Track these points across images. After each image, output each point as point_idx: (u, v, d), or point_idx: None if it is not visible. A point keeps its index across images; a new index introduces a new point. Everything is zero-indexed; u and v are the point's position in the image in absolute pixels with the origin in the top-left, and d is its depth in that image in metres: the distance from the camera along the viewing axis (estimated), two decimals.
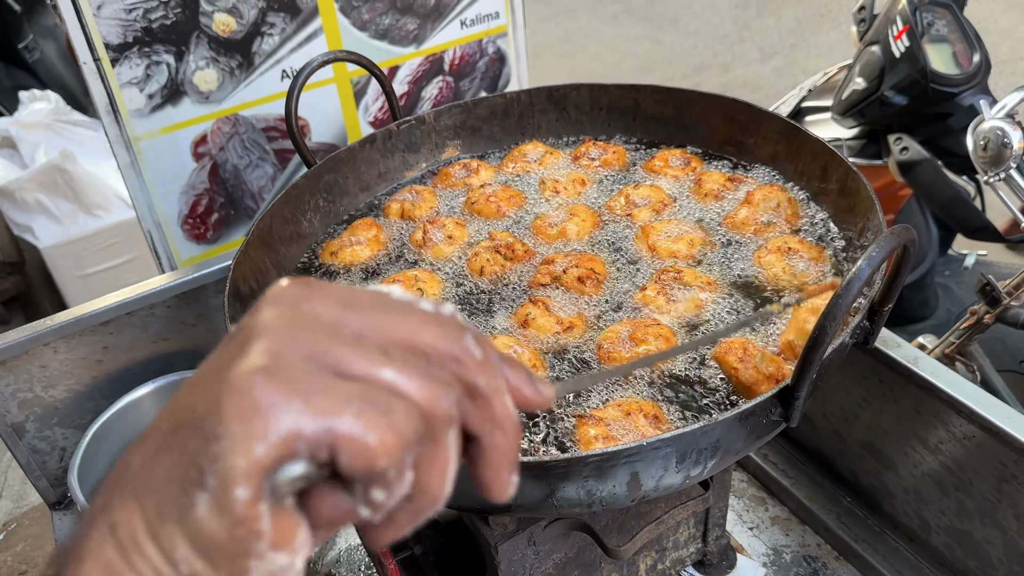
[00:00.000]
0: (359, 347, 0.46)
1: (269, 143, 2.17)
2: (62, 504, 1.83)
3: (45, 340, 1.63)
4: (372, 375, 0.45)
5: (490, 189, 1.62)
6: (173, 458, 0.44)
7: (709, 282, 1.32)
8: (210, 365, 0.47)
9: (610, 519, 1.29)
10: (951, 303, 3.37)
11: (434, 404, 0.47)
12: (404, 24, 2.23)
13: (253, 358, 0.44)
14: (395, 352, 0.47)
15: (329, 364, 0.45)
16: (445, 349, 0.49)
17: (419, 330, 0.48)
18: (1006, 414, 1.26)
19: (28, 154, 4.05)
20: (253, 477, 0.42)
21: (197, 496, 0.43)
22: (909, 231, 0.91)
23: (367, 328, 0.47)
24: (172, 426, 0.46)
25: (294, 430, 0.42)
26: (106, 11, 1.81)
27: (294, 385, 0.43)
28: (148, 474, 0.45)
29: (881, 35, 2.79)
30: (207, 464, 0.42)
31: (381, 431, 0.44)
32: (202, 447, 0.43)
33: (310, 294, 0.48)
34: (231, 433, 0.42)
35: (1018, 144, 2.01)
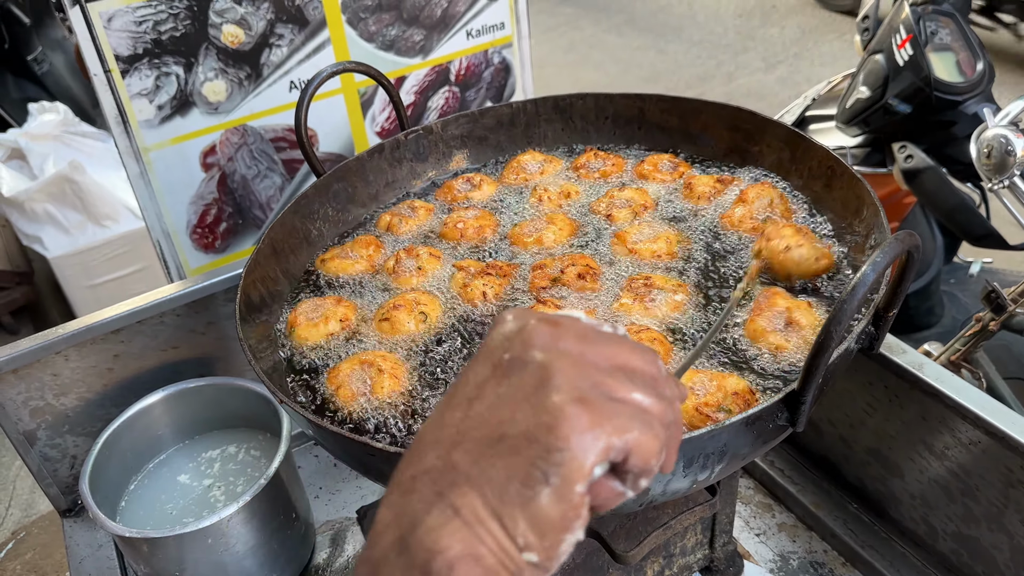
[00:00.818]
0: (612, 376, 0.64)
1: (277, 153, 2.19)
2: (73, 511, 1.84)
3: (57, 348, 1.65)
4: (630, 398, 0.64)
5: (469, 214, 1.61)
6: (510, 461, 0.60)
7: (679, 285, 1.35)
8: (505, 391, 0.63)
9: (617, 524, 1.29)
10: (957, 310, 3.38)
11: (664, 415, 0.66)
12: (411, 35, 2.25)
13: (566, 391, 0.61)
14: (630, 376, 0.65)
15: (605, 392, 0.63)
16: (649, 371, 0.67)
17: (631, 357, 0.67)
18: (1011, 419, 1.27)
19: (37, 165, 4.08)
20: (587, 476, 0.60)
21: (540, 489, 0.59)
22: (913, 237, 0.92)
23: (603, 359, 0.65)
24: (495, 437, 0.61)
25: (609, 444, 0.60)
26: (116, 23, 1.84)
27: (599, 411, 0.61)
28: (483, 472, 0.60)
29: (885, 44, 2.80)
30: (551, 468, 0.59)
31: (652, 440, 0.63)
32: (544, 455, 0.59)
33: (559, 333, 0.65)
34: (571, 446, 0.59)
35: (1021, 152, 2.02)
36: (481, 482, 0.60)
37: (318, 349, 1.36)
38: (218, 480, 1.68)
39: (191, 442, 1.78)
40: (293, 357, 1.36)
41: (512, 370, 0.64)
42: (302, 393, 1.29)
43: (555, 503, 0.59)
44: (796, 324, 1.21)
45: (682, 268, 1.42)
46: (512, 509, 0.59)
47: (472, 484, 0.60)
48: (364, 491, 1.89)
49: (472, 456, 0.61)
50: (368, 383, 1.22)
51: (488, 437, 0.61)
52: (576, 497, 0.59)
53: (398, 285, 1.47)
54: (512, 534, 0.59)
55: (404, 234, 1.62)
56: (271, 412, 1.67)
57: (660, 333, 1.26)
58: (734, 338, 1.25)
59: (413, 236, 1.62)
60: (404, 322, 1.34)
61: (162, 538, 1.44)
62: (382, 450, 0.99)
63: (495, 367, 0.65)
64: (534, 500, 0.59)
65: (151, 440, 1.73)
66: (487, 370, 0.66)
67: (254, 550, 1.55)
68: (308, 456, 2.00)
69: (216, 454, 1.74)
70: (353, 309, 1.42)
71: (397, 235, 1.61)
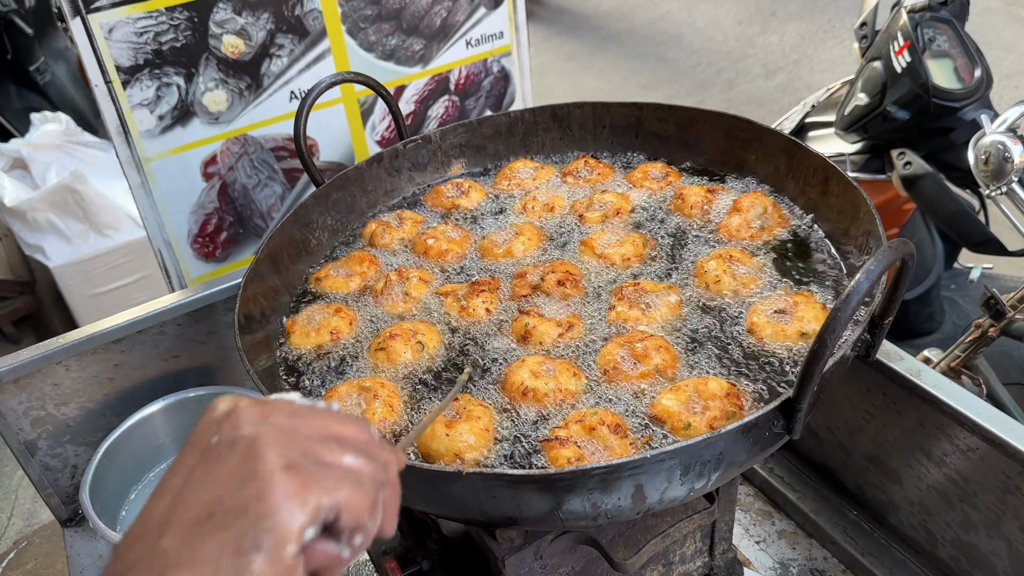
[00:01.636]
0: (322, 443, 0.68)
1: (278, 163, 2.20)
2: (74, 521, 1.84)
3: (57, 358, 1.66)
4: (340, 462, 0.68)
5: (443, 232, 1.60)
6: (221, 537, 0.61)
7: (668, 287, 1.37)
8: (214, 471, 0.64)
9: (616, 532, 1.30)
10: (957, 317, 3.37)
11: (375, 474, 0.70)
12: (410, 45, 2.26)
13: (273, 460, 0.64)
14: (340, 443, 0.70)
15: (315, 458, 0.67)
16: (360, 437, 0.72)
17: (343, 426, 0.72)
18: (1009, 426, 1.27)
19: (39, 175, 4.09)
20: (298, 538, 0.62)
21: (253, 557, 0.60)
22: (907, 245, 0.92)
23: (313, 430, 0.69)
24: (203, 516, 0.62)
25: (318, 505, 0.63)
26: (117, 34, 1.85)
27: (307, 475, 0.64)
28: (194, 552, 0.61)
29: (883, 51, 2.81)
30: (262, 534, 0.60)
31: (362, 496, 0.67)
32: (254, 523, 0.61)
33: (267, 411, 0.68)
34: (280, 510, 0.61)
35: (1019, 158, 2.02)
36: (192, 563, 0.60)
37: (317, 358, 1.37)
38: None
39: None
40: (292, 366, 1.37)
41: (221, 450, 0.65)
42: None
43: (268, 567, 0.60)
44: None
45: (655, 270, 1.46)
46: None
47: (182, 566, 0.60)
48: None
49: (180, 539, 0.62)
50: (361, 408, 1.22)
51: (197, 517, 0.62)
52: (288, 559, 0.61)
53: (384, 309, 1.45)
54: None
55: (387, 245, 1.61)
56: None
57: (664, 340, 1.27)
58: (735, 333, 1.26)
59: (397, 248, 1.61)
60: (400, 352, 1.32)
61: None
62: None
63: (203, 452, 0.66)
64: (247, 568, 0.60)
65: (152, 449, 1.74)
66: (195, 456, 0.66)
67: None
68: None
69: None
70: (353, 318, 1.42)
71: (379, 246, 1.61)
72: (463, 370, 1.29)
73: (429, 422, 1.08)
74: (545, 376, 1.21)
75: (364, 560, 1.76)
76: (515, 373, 1.23)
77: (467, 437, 1.14)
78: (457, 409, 1.19)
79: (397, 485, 0.76)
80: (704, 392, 1.15)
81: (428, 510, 1.39)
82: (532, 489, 0.98)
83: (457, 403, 1.20)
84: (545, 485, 0.97)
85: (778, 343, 1.24)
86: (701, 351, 1.26)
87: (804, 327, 1.23)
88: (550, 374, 1.22)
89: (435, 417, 1.10)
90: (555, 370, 1.23)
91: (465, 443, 1.13)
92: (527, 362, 1.24)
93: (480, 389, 1.26)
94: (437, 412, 1.11)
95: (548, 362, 1.24)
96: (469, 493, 1.02)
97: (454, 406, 1.19)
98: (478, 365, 1.30)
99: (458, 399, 1.21)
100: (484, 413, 1.18)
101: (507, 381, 1.23)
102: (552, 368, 1.23)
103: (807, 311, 1.25)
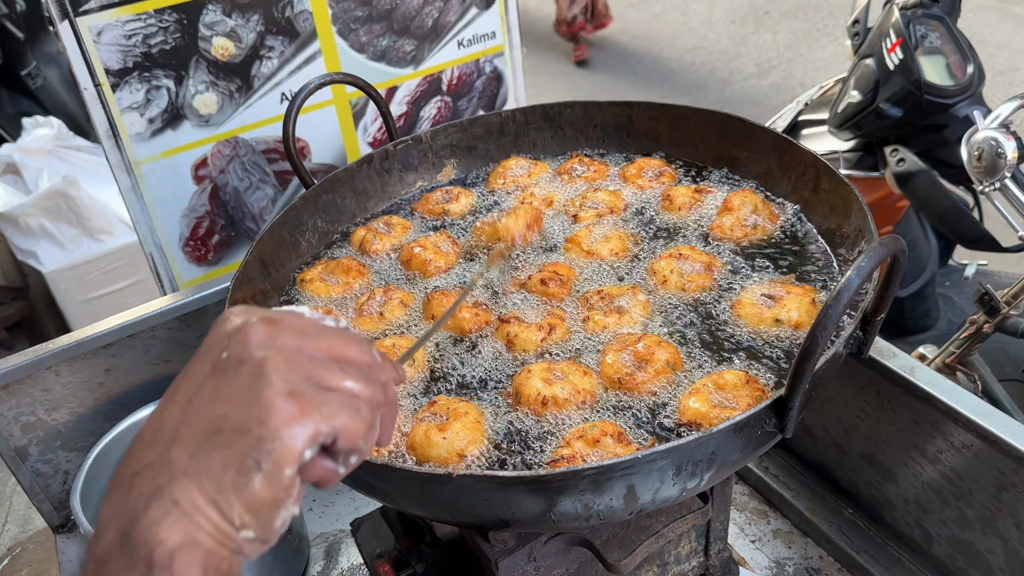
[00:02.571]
0: (326, 367, 0.71)
1: (269, 165, 2.19)
2: (65, 527, 1.83)
3: (47, 364, 1.65)
4: (341, 386, 0.71)
5: (429, 243, 1.57)
6: (226, 453, 0.65)
7: (631, 288, 1.37)
8: (223, 388, 0.68)
9: (610, 533, 1.29)
10: (952, 313, 3.37)
11: (373, 398, 0.74)
12: (402, 45, 2.25)
13: (277, 385, 0.67)
14: (342, 366, 0.73)
15: (317, 383, 0.70)
16: (364, 359, 0.75)
17: (347, 348, 0.74)
18: (1003, 422, 1.27)
19: (31, 180, 4.08)
20: (295, 461, 0.67)
21: (253, 476, 0.65)
22: (898, 241, 0.92)
23: (319, 351, 0.72)
24: (211, 431, 0.66)
25: (316, 431, 0.68)
26: (106, 37, 1.84)
27: (307, 401, 0.68)
28: (200, 465, 0.65)
29: (875, 48, 2.81)
30: (263, 456, 0.65)
31: (358, 423, 0.71)
32: (256, 444, 0.65)
33: (277, 331, 0.71)
34: (281, 436, 0.66)
35: (1012, 154, 2.02)
36: (198, 474, 0.65)
37: None
38: None
39: None
40: None
41: (229, 368, 0.69)
42: None
43: (267, 486, 0.66)
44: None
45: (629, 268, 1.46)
46: (228, 496, 0.65)
47: (189, 476, 0.65)
48: (358, 503, 1.88)
49: (189, 450, 0.66)
50: None
51: (205, 432, 0.67)
52: (286, 480, 0.66)
53: (358, 326, 1.41)
54: (229, 517, 0.66)
55: (377, 252, 1.59)
56: None
57: (658, 336, 1.26)
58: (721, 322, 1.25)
59: (386, 254, 1.60)
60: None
61: None
62: (368, 463, 0.99)
63: (214, 365, 0.70)
64: (247, 486, 0.65)
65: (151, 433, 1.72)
66: (206, 368, 0.70)
67: (246, 563, 1.53)
68: None
69: None
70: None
71: (370, 253, 1.59)
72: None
73: (436, 329, 1.05)
74: (558, 382, 1.19)
75: (359, 564, 1.75)
76: (527, 384, 1.19)
77: (463, 434, 1.13)
78: (442, 413, 1.17)
79: (395, 402, 0.80)
80: (725, 385, 1.15)
81: (420, 513, 1.39)
82: (523, 491, 0.97)
83: (436, 406, 1.19)
84: (536, 486, 0.96)
85: (762, 328, 1.26)
86: (691, 345, 1.26)
87: (782, 315, 1.24)
88: (561, 378, 1.20)
89: (435, 330, 1.05)
90: (564, 373, 1.21)
91: (464, 440, 1.13)
92: (534, 371, 1.21)
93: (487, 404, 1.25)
94: (444, 319, 1.08)
95: (555, 366, 1.22)
96: (460, 495, 1.01)
97: (437, 410, 1.18)
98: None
99: (435, 402, 1.20)
100: (469, 407, 1.18)
101: (520, 394, 1.19)
102: (560, 372, 1.21)
103: (793, 300, 1.26)
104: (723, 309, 1.32)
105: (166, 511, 0.65)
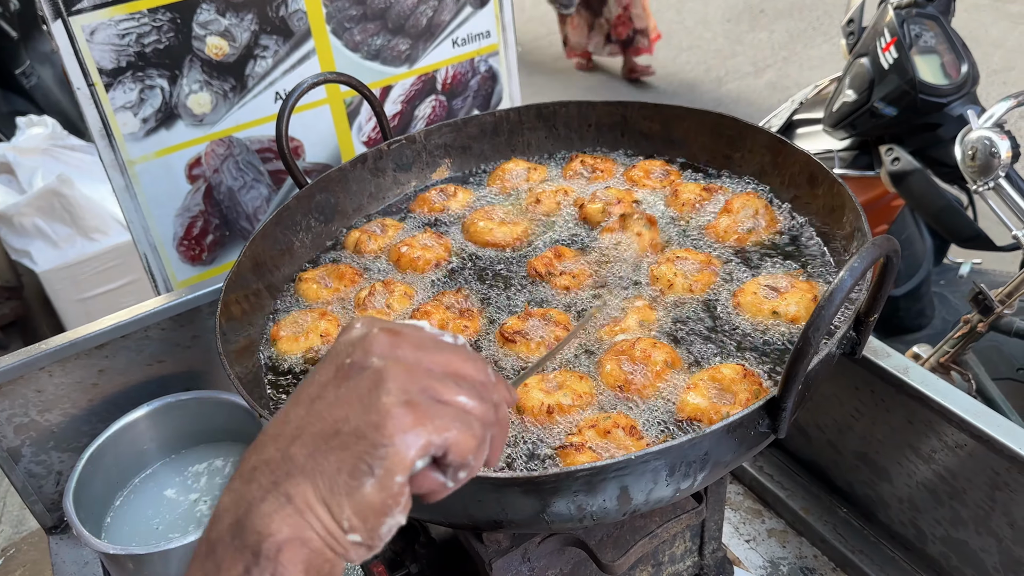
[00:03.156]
0: (442, 381, 0.73)
1: (263, 164, 2.18)
2: (58, 528, 1.83)
3: (40, 364, 1.64)
4: (455, 400, 0.72)
5: (419, 241, 1.57)
6: (342, 455, 0.68)
7: (636, 297, 1.36)
8: (343, 392, 0.71)
9: (604, 534, 1.29)
10: (947, 312, 3.38)
11: (485, 416, 0.75)
12: (396, 44, 2.25)
13: (394, 394, 0.69)
14: (457, 381, 0.74)
15: (432, 395, 0.71)
16: (478, 377, 0.76)
17: (463, 365, 0.76)
18: (996, 422, 1.27)
19: (25, 179, 4.07)
20: (407, 468, 0.68)
21: (365, 480, 0.67)
22: (891, 241, 0.92)
23: (436, 365, 0.74)
24: (330, 433, 0.69)
25: (429, 442, 0.69)
26: (99, 36, 1.83)
27: (422, 412, 0.69)
28: (316, 464, 0.68)
29: (870, 47, 2.81)
30: (376, 461, 0.67)
31: (469, 438, 0.72)
32: (370, 450, 0.67)
33: (398, 342, 0.74)
34: (395, 443, 0.68)
35: (1006, 153, 2.02)
36: (314, 473, 0.68)
37: (301, 363, 1.36)
38: (204, 494, 1.67)
39: (177, 456, 1.77)
40: (276, 370, 1.35)
41: (352, 373, 0.72)
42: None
43: (377, 491, 0.67)
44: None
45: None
46: (340, 498, 0.67)
47: (305, 475, 0.68)
48: None
49: (308, 450, 0.69)
50: None
51: (324, 433, 0.69)
52: (396, 486, 0.68)
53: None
54: (338, 519, 0.67)
55: (372, 253, 1.58)
56: (257, 425, 1.66)
57: (652, 339, 1.26)
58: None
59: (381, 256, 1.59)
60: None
61: (147, 554, 1.43)
62: None
63: (338, 369, 0.73)
64: (359, 490, 0.67)
65: (137, 455, 1.72)
66: (331, 372, 0.73)
67: None
68: None
69: (203, 468, 1.74)
70: (337, 323, 1.41)
71: (365, 254, 1.58)
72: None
73: (546, 360, 1.08)
74: (556, 391, 1.18)
75: (352, 565, 1.75)
76: (528, 397, 1.18)
77: None
78: None
79: (506, 423, 0.81)
80: (722, 380, 1.15)
81: (414, 514, 1.38)
82: (517, 492, 0.97)
83: None
84: (530, 488, 0.96)
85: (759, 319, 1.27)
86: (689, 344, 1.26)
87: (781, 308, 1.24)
88: (558, 388, 1.19)
89: (552, 356, 1.09)
90: (561, 382, 1.20)
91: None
92: (530, 385, 1.20)
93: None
94: (555, 351, 1.11)
95: (548, 378, 1.21)
96: (454, 496, 1.00)
97: None
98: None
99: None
100: None
101: (522, 407, 1.18)
102: (555, 382, 1.20)
103: (795, 295, 1.26)
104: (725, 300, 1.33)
105: (280, 505, 0.67)
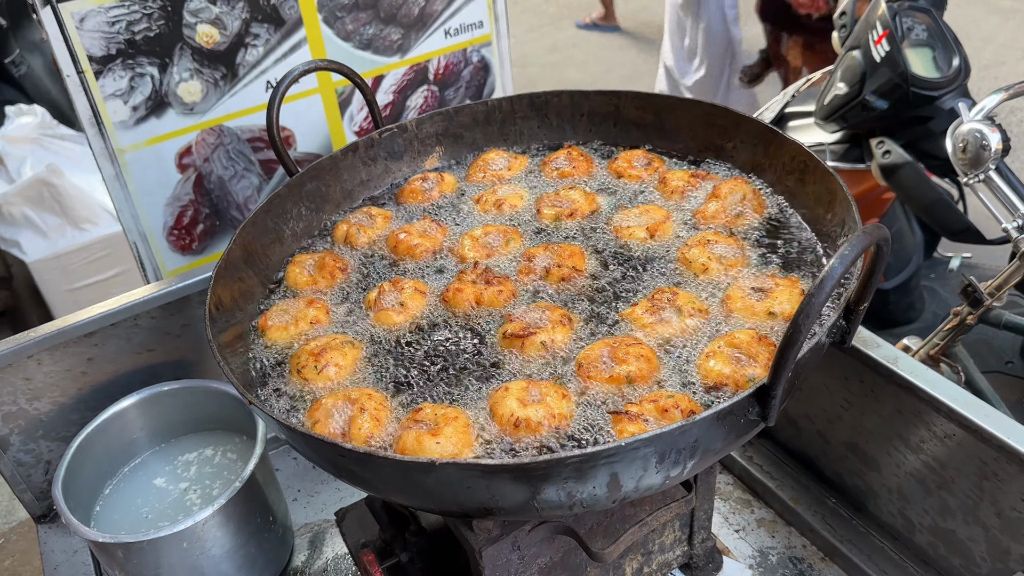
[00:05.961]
0: None
1: (254, 153, 2.17)
2: (47, 517, 1.82)
3: (29, 352, 1.63)
4: None
5: (415, 228, 1.56)
6: None
7: (700, 308, 1.28)
8: None
9: (594, 522, 1.29)
10: (937, 305, 3.39)
11: None
12: (388, 34, 2.24)
13: None
14: None
15: None
16: None
17: None
18: (985, 412, 1.28)
19: (14, 168, 4.05)
20: None
21: None
22: (881, 229, 0.92)
23: None
24: None
25: None
26: (89, 23, 1.82)
27: None
28: None
29: (862, 40, 2.81)
30: None
31: None
32: None
33: None
34: None
35: (996, 146, 2.02)
36: None
37: (291, 351, 1.35)
38: (194, 483, 1.67)
39: (167, 445, 1.76)
40: (267, 358, 1.35)
41: None
42: (276, 396, 1.28)
43: None
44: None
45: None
46: None
47: None
48: (343, 493, 1.88)
49: None
50: (347, 418, 1.17)
51: None
52: None
53: (378, 322, 1.37)
54: None
55: (363, 245, 1.57)
56: (247, 415, 1.65)
57: (650, 348, 1.22)
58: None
59: (371, 245, 1.58)
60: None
61: (136, 543, 1.42)
62: (352, 451, 0.99)
63: None
64: None
65: (126, 444, 1.71)
66: None
67: (231, 553, 1.54)
68: (287, 459, 1.98)
69: (192, 457, 1.73)
70: (325, 310, 1.41)
71: (355, 246, 1.57)
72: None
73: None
74: (533, 404, 1.14)
75: (343, 554, 1.75)
76: (501, 404, 1.15)
77: (454, 438, 1.10)
78: (429, 420, 1.14)
79: None
80: (739, 343, 1.16)
81: (404, 502, 1.38)
82: (506, 479, 0.97)
83: (422, 413, 1.15)
84: (519, 475, 0.96)
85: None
86: None
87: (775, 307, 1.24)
88: (537, 400, 1.14)
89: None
90: (542, 394, 1.15)
91: (459, 442, 1.10)
92: (511, 389, 1.16)
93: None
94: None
95: (533, 387, 1.16)
96: (444, 484, 1.01)
97: (424, 417, 1.15)
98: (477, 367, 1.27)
99: (420, 409, 1.16)
100: (457, 412, 1.15)
101: (494, 412, 1.15)
102: (537, 393, 1.15)
103: (783, 292, 1.26)
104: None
105: None
